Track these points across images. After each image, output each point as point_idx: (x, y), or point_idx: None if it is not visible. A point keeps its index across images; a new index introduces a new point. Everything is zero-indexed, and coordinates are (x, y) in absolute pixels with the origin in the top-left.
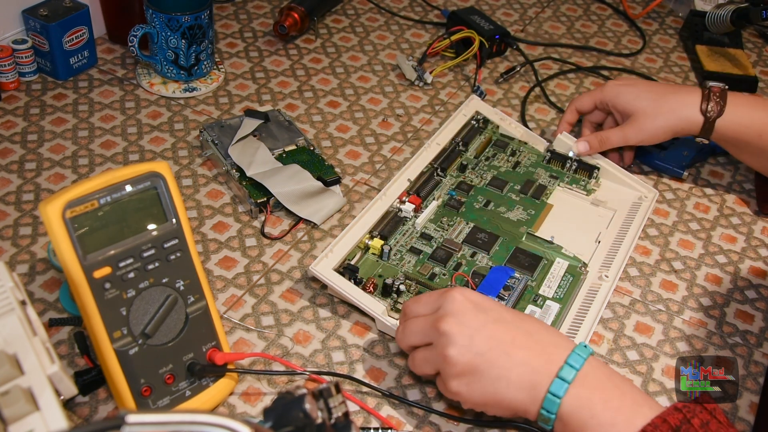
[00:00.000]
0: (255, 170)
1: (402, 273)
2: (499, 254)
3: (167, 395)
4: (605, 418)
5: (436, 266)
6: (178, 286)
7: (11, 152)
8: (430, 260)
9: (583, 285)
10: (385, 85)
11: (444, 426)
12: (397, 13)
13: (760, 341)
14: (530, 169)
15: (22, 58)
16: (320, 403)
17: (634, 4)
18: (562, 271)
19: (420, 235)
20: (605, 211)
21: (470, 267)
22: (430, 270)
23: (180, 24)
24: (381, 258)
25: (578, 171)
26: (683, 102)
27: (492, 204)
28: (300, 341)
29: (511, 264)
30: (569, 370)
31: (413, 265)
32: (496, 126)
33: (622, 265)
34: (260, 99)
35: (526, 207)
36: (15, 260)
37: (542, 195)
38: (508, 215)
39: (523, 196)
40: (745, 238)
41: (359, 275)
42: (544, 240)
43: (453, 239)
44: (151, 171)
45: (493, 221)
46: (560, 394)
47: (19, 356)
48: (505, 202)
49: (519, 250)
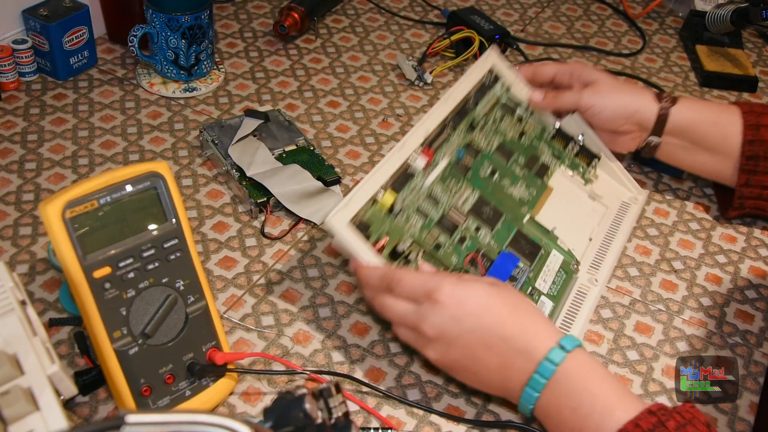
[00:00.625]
0: (255, 170)
1: (409, 236)
2: (502, 234)
3: (167, 395)
4: (573, 425)
5: (441, 235)
6: (178, 286)
7: (11, 152)
8: (436, 227)
9: (575, 285)
10: (385, 85)
11: (444, 426)
12: (397, 13)
13: (760, 341)
14: (535, 142)
15: (22, 58)
16: (320, 403)
17: (634, 4)
18: (556, 265)
19: (428, 194)
20: (599, 206)
21: (473, 243)
22: (436, 239)
23: (180, 24)
24: (390, 213)
25: (579, 155)
26: (641, 91)
27: (497, 175)
28: (300, 341)
29: (513, 248)
30: (538, 379)
31: (419, 230)
32: (507, 87)
33: (610, 270)
34: (260, 99)
35: (529, 185)
36: (15, 260)
37: (544, 175)
38: (511, 191)
39: (527, 171)
40: (745, 238)
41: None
42: (545, 229)
43: (459, 208)
44: (151, 171)
45: (496, 194)
46: (529, 405)
47: (19, 356)
48: (509, 175)
49: (520, 234)
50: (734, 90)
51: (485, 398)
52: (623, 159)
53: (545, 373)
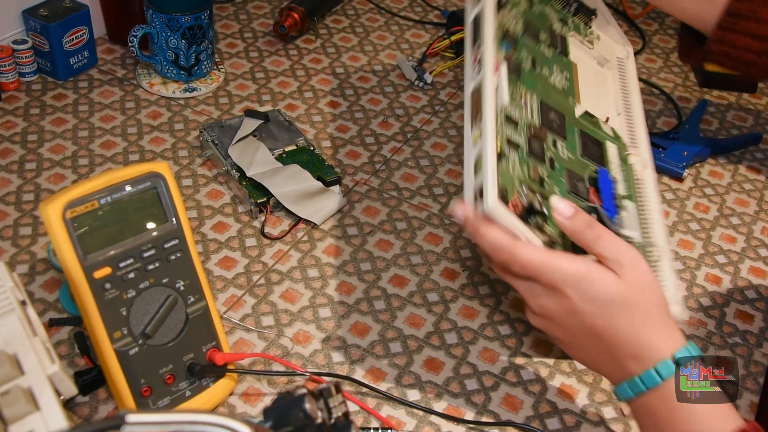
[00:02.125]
0: (255, 170)
1: (518, 181)
2: (571, 141)
3: (167, 395)
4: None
5: (538, 165)
6: (178, 286)
7: (11, 152)
8: (530, 157)
9: (633, 173)
10: (385, 85)
11: (444, 426)
12: (397, 13)
13: (760, 341)
14: (540, 7)
15: (22, 59)
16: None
17: (634, 4)
18: (616, 158)
19: (506, 117)
20: (609, 73)
21: (560, 163)
22: (538, 172)
23: (180, 24)
24: (500, 159)
25: (578, 14)
26: None
27: (537, 66)
28: (300, 341)
29: (586, 157)
30: (639, 384)
31: (520, 167)
32: None
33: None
34: (260, 99)
35: (561, 68)
36: (15, 260)
37: (567, 51)
38: (553, 81)
39: (553, 51)
40: (745, 238)
41: None
42: (592, 118)
43: (534, 123)
44: (151, 171)
45: (546, 90)
46: (622, 397)
47: (19, 356)
48: (545, 62)
49: (583, 135)
50: (734, 90)
51: (485, 398)
52: None
53: (648, 383)
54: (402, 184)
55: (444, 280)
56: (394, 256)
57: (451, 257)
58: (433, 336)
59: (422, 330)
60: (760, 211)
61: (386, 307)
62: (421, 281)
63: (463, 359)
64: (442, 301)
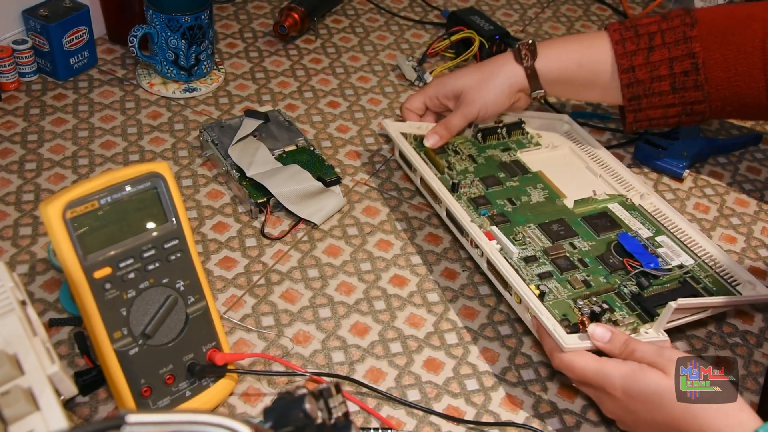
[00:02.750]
0: (255, 170)
1: (570, 299)
2: (584, 232)
3: (167, 395)
4: None
5: (575, 273)
6: (178, 286)
7: (11, 152)
8: (564, 274)
9: (643, 211)
10: (385, 85)
11: (444, 426)
12: (397, 13)
13: (760, 341)
14: (484, 155)
15: (22, 59)
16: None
17: (634, 4)
18: (624, 212)
19: (524, 260)
20: (565, 150)
21: (588, 257)
22: (578, 280)
23: (180, 24)
24: (543, 298)
25: (512, 133)
26: (499, 63)
27: (514, 200)
28: (300, 341)
29: (599, 232)
30: None
31: (561, 287)
32: (420, 138)
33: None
34: (260, 99)
35: (533, 185)
36: (15, 260)
37: (526, 169)
38: (535, 200)
39: (517, 177)
40: (745, 238)
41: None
42: (585, 199)
43: (546, 246)
44: (151, 171)
45: (535, 213)
46: None
47: (19, 356)
48: (517, 192)
49: (586, 219)
50: None
51: (485, 398)
52: (623, 159)
53: None
54: (402, 184)
55: (444, 280)
56: (394, 256)
57: (451, 257)
58: (433, 336)
59: (422, 330)
60: (760, 211)
61: (386, 307)
62: (421, 281)
63: (463, 359)
64: (442, 301)
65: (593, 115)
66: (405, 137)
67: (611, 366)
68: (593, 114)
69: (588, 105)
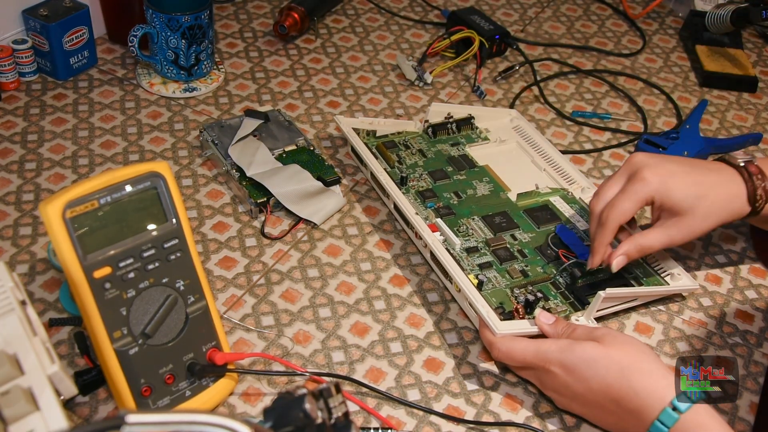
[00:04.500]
0: (255, 170)
1: (508, 287)
2: (525, 224)
3: (167, 395)
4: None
5: (514, 263)
6: (178, 286)
7: (11, 152)
8: (504, 264)
9: (580, 203)
10: (385, 85)
11: (444, 426)
12: (397, 13)
13: (760, 341)
14: (433, 149)
15: (22, 58)
16: (320, 403)
17: (634, 4)
18: (565, 206)
19: (466, 250)
20: (512, 144)
21: (526, 247)
22: (516, 270)
23: (180, 24)
24: (481, 287)
25: (461, 128)
26: (730, 194)
27: (460, 193)
28: (300, 341)
29: (539, 224)
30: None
31: (500, 277)
32: (372, 133)
33: (579, 174)
34: (260, 99)
35: (479, 178)
36: (15, 260)
37: (473, 163)
38: (481, 193)
39: (465, 172)
40: (745, 239)
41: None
42: (528, 192)
43: (488, 237)
44: (151, 171)
45: (479, 206)
46: None
47: (19, 356)
48: (463, 185)
49: (528, 212)
50: (734, 90)
51: (485, 398)
52: None
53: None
54: None
55: (444, 280)
56: (394, 256)
57: None
58: (433, 336)
59: (422, 330)
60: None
61: (386, 306)
62: (420, 281)
63: (463, 359)
64: (442, 301)
65: (593, 115)
66: (357, 133)
67: (548, 344)
68: (593, 114)
69: (588, 105)
